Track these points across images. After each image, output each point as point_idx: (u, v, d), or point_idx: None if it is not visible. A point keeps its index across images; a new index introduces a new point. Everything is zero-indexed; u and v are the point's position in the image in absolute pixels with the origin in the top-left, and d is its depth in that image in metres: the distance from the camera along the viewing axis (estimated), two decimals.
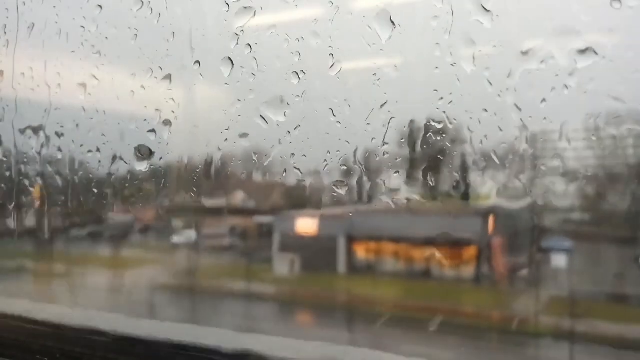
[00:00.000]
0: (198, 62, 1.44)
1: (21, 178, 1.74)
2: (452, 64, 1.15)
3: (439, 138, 1.25)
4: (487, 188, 1.26)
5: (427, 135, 1.26)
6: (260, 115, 1.37)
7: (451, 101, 1.18)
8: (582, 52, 1.01)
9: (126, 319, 1.56)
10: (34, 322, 1.47)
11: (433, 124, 1.25)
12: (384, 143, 1.28)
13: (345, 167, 1.36)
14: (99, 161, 1.65)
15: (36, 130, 1.69)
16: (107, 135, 1.63)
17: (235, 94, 1.40)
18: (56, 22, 1.68)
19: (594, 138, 1.12)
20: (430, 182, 1.29)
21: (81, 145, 1.67)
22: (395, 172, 1.32)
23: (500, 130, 1.17)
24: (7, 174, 1.74)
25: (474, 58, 1.13)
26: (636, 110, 1.05)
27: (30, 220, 1.89)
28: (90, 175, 1.73)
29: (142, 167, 1.52)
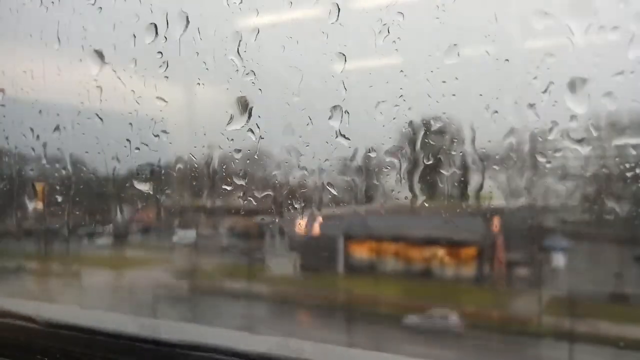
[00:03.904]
0: (198, 61, 1.44)
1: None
2: (452, 64, 1.15)
3: (439, 138, 1.25)
4: (487, 188, 1.26)
5: (427, 135, 1.26)
6: (259, 115, 1.37)
7: (451, 101, 1.18)
8: (583, 52, 1.01)
9: (127, 318, 1.56)
10: (34, 322, 1.47)
11: (433, 123, 1.25)
12: (384, 143, 1.28)
13: (344, 167, 1.36)
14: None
15: None
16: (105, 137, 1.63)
17: (235, 94, 1.40)
18: (57, 23, 1.69)
19: (594, 138, 1.12)
20: (431, 182, 1.29)
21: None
22: (395, 172, 1.32)
23: (501, 130, 1.17)
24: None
25: (474, 58, 1.13)
26: (636, 110, 1.05)
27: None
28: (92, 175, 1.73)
29: None
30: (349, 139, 1.30)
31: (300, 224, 1.48)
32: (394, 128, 1.26)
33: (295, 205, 1.46)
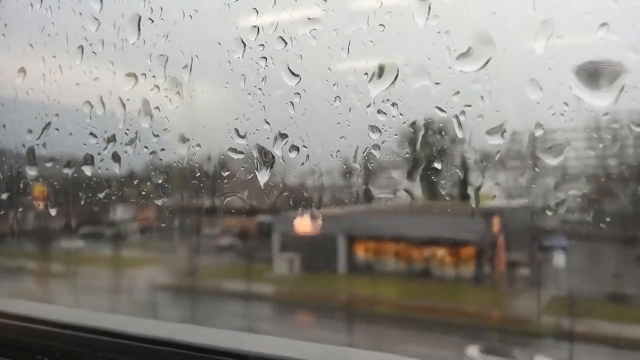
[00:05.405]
0: (198, 61, 1.44)
1: None
2: (452, 64, 1.15)
3: (439, 138, 1.25)
4: (487, 188, 1.26)
5: (427, 135, 1.26)
6: (264, 119, 1.37)
7: (452, 101, 1.18)
8: (582, 51, 1.01)
9: (126, 318, 1.56)
10: (34, 322, 1.47)
11: (433, 123, 1.25)
12: (384, 143, 1.28)
13: (345, 167, 1.36)
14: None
15: None
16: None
17: (235, 94, 1.40)
18: (52, 23, 1.69)
19: (594, 137, 1.12)
20: (430, 182, 1.29)
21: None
22: (395, 172, 1.32)
23: (501, 129, 1.17)
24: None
25: (474, 58, 1.13)
26: (635, 110, 1.05)
27: None
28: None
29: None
30: (348, 140, 1.30)
31: (301, 224, 1.48)
32: (394, 128, 1.26)
33: (296, 205, 1.46)
